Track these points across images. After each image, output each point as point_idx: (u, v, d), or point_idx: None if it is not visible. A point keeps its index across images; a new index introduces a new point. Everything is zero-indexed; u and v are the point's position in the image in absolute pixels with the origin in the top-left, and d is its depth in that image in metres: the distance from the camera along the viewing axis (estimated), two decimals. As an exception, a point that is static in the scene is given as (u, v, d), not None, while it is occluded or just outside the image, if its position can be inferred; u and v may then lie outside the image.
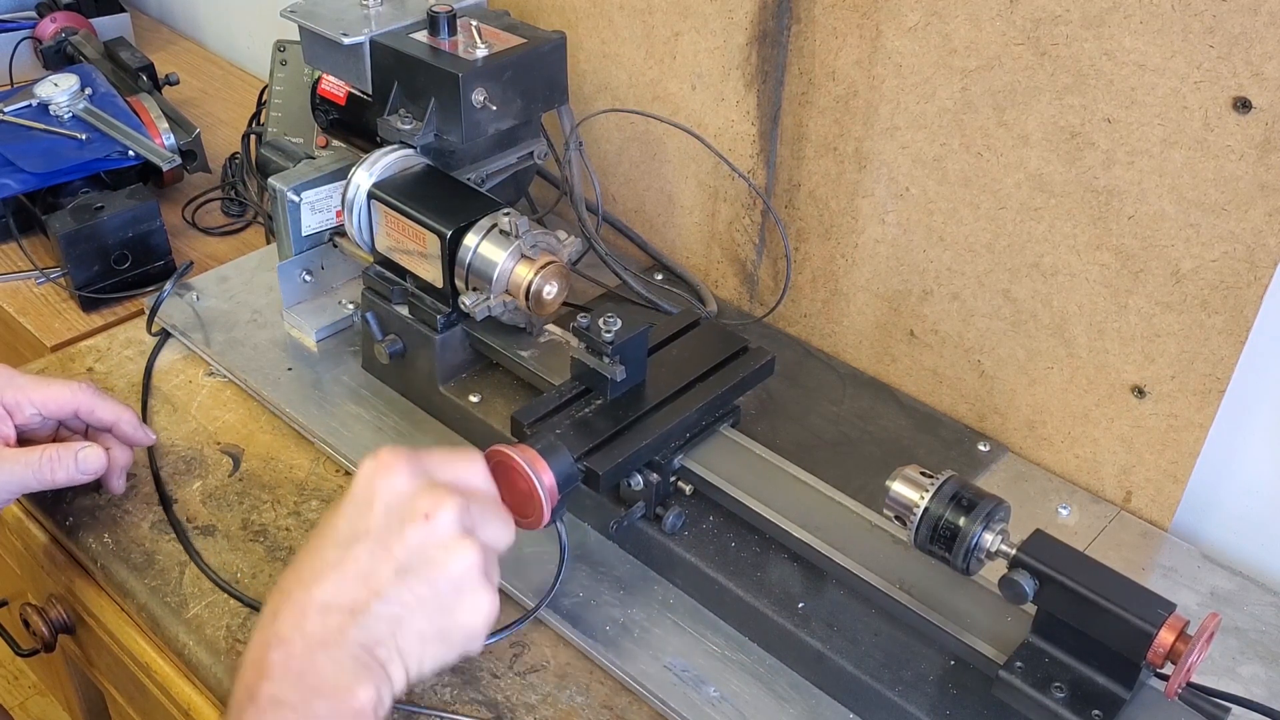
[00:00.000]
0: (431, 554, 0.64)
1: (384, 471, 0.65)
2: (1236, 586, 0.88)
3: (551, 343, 0.94)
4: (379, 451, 0.66)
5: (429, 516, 0.64)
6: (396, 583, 0.63)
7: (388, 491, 0.65)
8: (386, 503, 0.64)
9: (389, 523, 0.64)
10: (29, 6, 1.69)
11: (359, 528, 0.64)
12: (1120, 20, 0.79)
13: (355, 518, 0.65)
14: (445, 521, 0.64)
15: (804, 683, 0.79)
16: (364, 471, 0.66)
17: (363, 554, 0.63)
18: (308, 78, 1.26)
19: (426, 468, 0.67)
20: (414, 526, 0.64)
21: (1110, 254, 0.86)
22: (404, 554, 0.63)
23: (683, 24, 1.06)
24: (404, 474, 0.65)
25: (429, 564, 0.64)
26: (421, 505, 0.64)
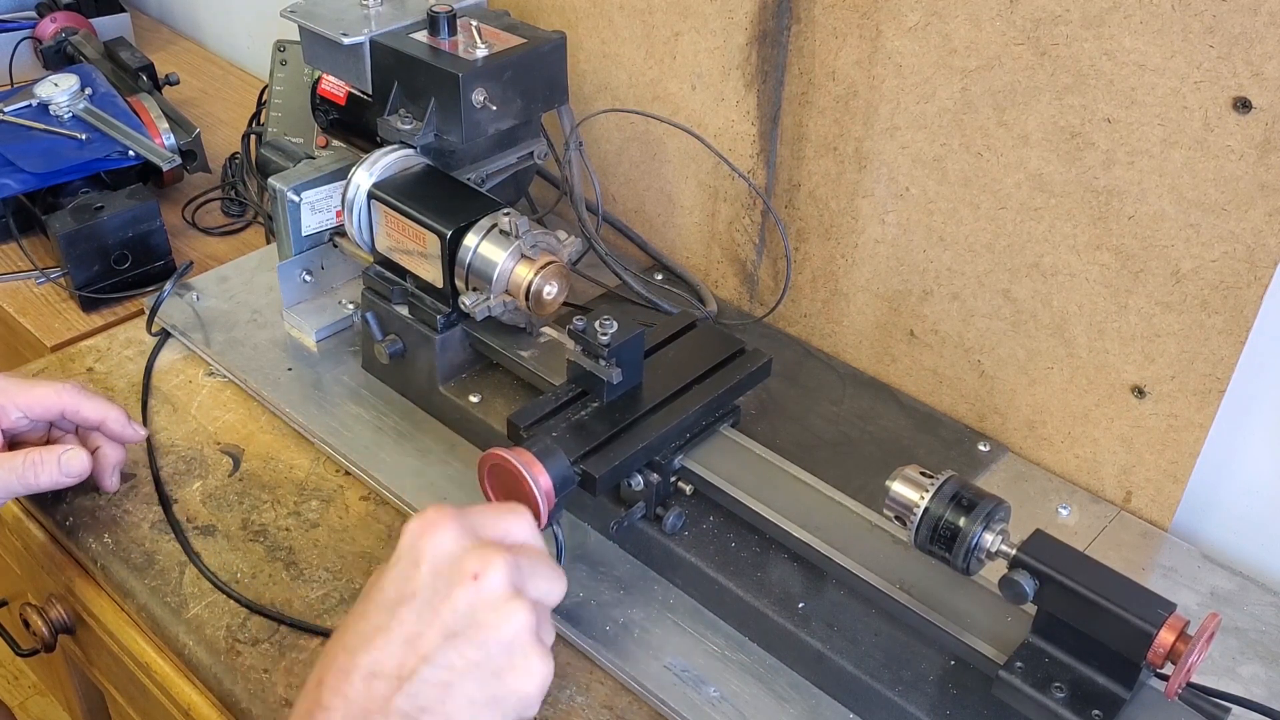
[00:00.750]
0: (481, 616, 0.61)
1: (430, 530, 0.63)
2: (1236, 586, 0.88)
3: (551, 343, 0.94)
4: (424, 510, 0.64)
5: (478, 577, 0.61)
6: (445, 647, 0.60)
7: (434, 552, 0.62)
8: (433, 564, 0.62)
9: (436, 585, 0.61)
10: (29, 6, 1.69)
11: (405, 590, 0.62)
12: (1120, 20, 0.79)
13: (401, 580, 0.62)
14: (495, 582, 0.62)
15: (804, 683, 0.79)
16: (410, 531, 0.63)
17: (409, 617, 0.61)
18: (308, 78, 1.26)
19: (473, 524, 0.64)
20: (462, 588, 0.61)
21: (1110, 254, 0.86)
22: (452, 617, 0.61)
23: (683, 24, 1.06)
24: (451, 533, 0.63)
25: (479, 627, 0.61)
26: (470, 565, 0.62)
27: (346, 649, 0.61)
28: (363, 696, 0.60)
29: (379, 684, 0.60)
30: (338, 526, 0.91)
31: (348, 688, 0.60)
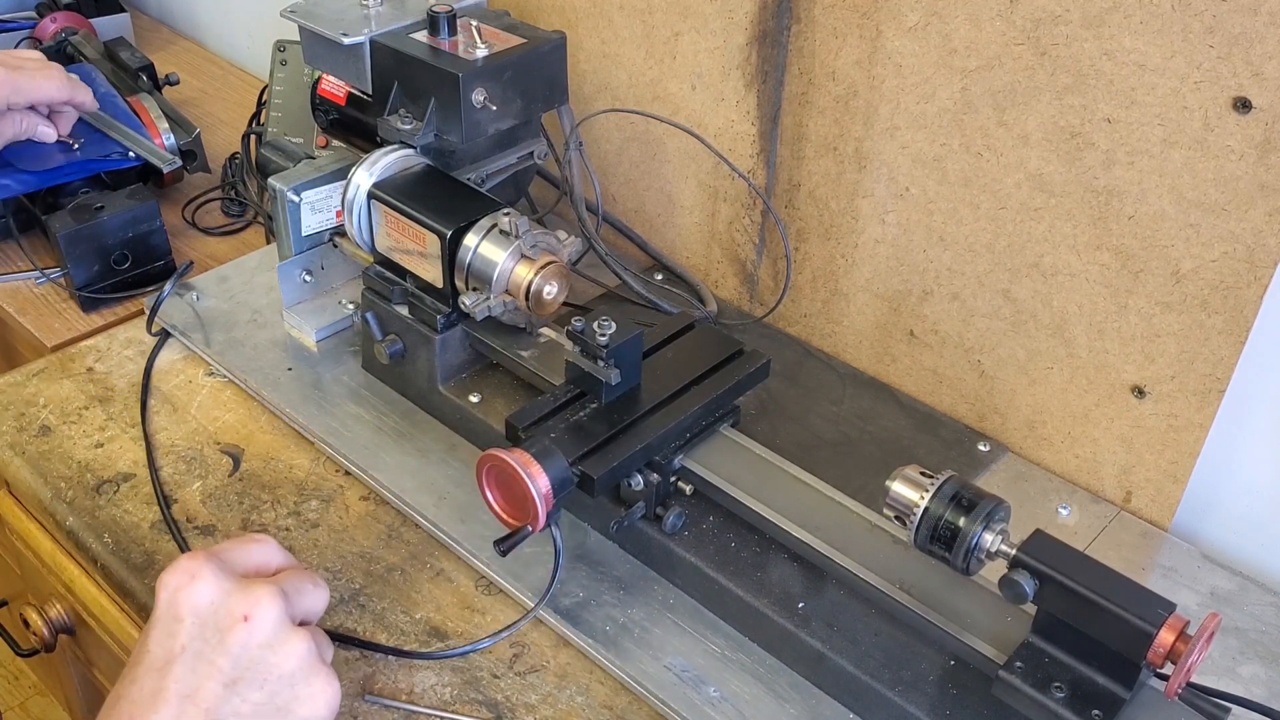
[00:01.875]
0: (259, 655, 0.61)
1: (187, 583, 0.61)
2: (1236, 586, 0.88)
3: (551, 343, 0.94)
4: (175, 562, 0.62)
5: (249, 618, 0.61)
6: (228, 695, 0.60)
7: (195, 603, 0.61)
8: (197, 615, 0.61)
9: (205, 635, 0.60)
10: (29, 6, 1.69)
11: (173, 648, 0.60)
12: (1120, 20, 0.79)
13: (166, 638, 0.61)
14: (268, 618, 0.61)
15: (804, 683, 0.79)
16: (166, 586, 0.62)
17: (183, 674, 0.60)
18: (308, 78, 1.26)
19: (228, 563, 0.63)
20: (235, 633, 0.61)
21: (1110, 254, 0.86)
22: (229, 664, 0.60)
23: (683, 24, 1.06)
24: (208, 579, 0.61)
25: (259, 666, 0.61)
26: (238, 608, 0.61)
27: (130, 711, 0.59)
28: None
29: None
30: (338, 526, 0.91)
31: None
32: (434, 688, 0.79)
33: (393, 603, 0.85)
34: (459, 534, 0.89)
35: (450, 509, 0.91)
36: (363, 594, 0.86)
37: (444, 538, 0.89)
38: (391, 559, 0.89)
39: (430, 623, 0.84)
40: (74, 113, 1.18)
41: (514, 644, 0.83)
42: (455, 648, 0.82)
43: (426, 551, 0.89)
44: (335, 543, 0.90)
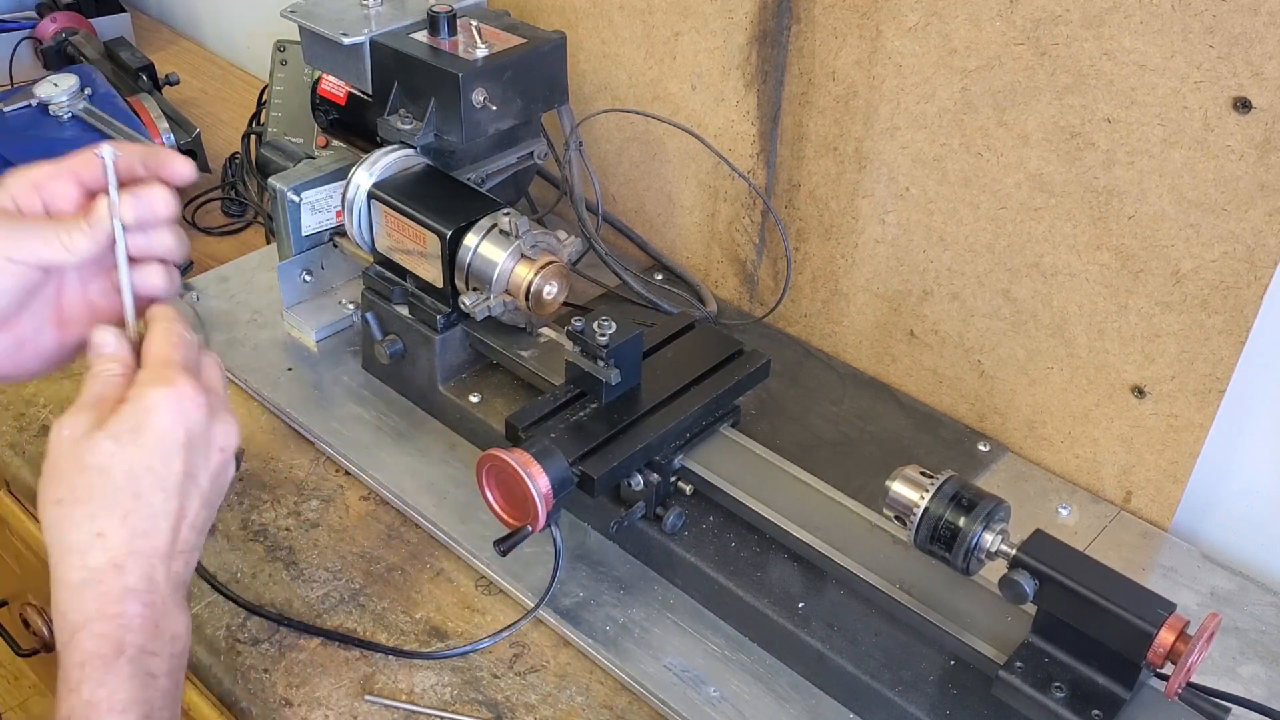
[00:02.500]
0: (223, 478, 0.67)
1: (184, 409, 0.64)
2: (1236, 586, 0.88)
3: (551, 343, 0.94)
4: (173, 382, 0.64)
5: (223, 450, 0.66)
6: (207, 512, 0.66)
7: (188, 432, 0.64)
8: (186, 444, 0.64)
9: (192, 462, 0.64)
10: (29, 6, 1.69)
11: (174, 474, 0.64)
12: (1120, 20, 0.79)
13: (165, 467, 0.64)
14: (230, 446, 0.67)
15: (804, 683, 0.79)
16: (167, 408, 0.64)
17: (183, 501, 0.64)
18: (308, 78, 1.26)
19: (204, 382, 0.66)
20: (213, 463, 0.66)
21: (1110, 254, 0.86)
22: (209, 487, 0.66)
23: (683, 24, 1.06)
24: (199, 410, 0.65)
25: (216, 478, 0.66)
26: (216, 440, 0.66)
27: (142, 534, 0.63)
28: (165, 580, 0.63)
29: (176, 563, 0.64)
30: (338, 526, 0.91)
31: (156, 574, 0.63)
32: (434, 688, 0.79)
33: (393, 603, 0.85)
34: (459, 534, 0.89)
35: (450, 509, 0.91)
36: (363, 594, 0.86)
37: (444, 538, 0.89)
38: (391, 559, 0.89)
39: (430, 623, 0.84)
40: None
41: (514, 644, 0.83)
42: (455, 648, 0.82)
43: (426, 551, 0.89)
44: (335, 543, 0.90)
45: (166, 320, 0.68)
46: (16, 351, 0.71)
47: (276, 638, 0.83)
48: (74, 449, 0.63)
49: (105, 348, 0.67)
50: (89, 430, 0.63)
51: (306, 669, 0.81)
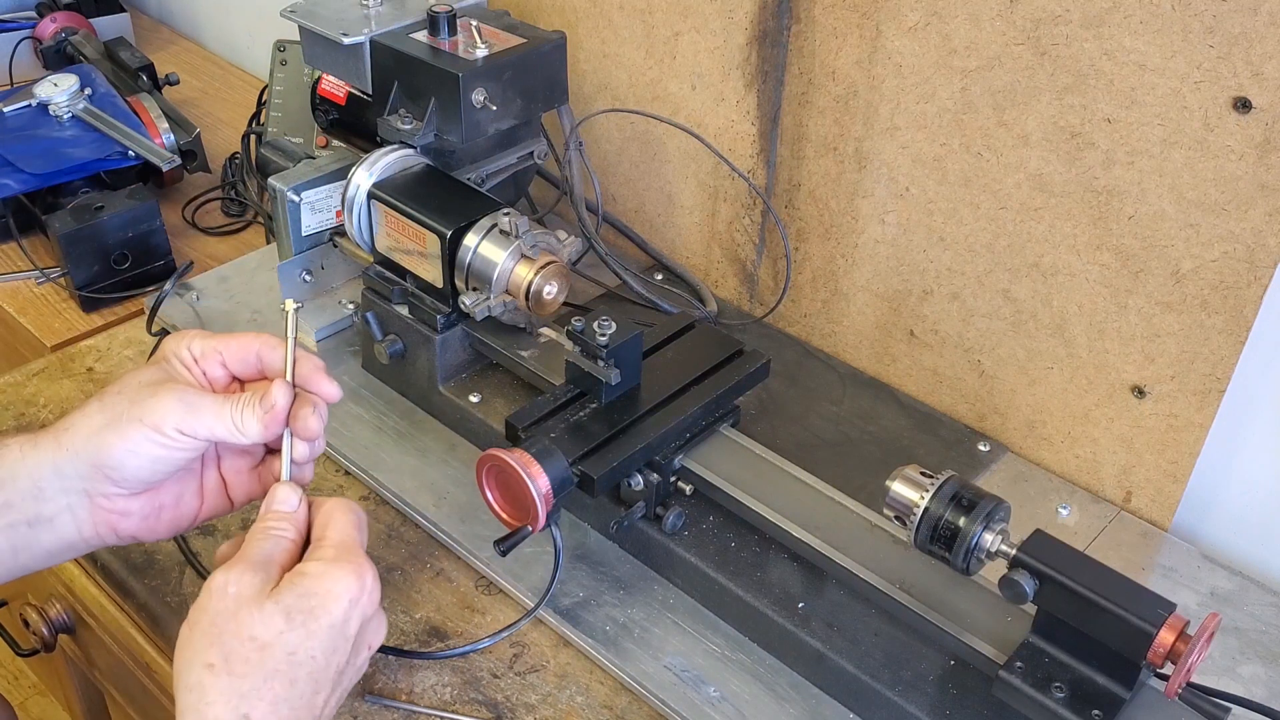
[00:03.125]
0: (362, 668, 0.67)
1: (364, 601, 0.64)
2: (1236, 586, 0.88)
3: (551, 343, 0.94)
4: (362, 573, 0.64)
5: (371, 647, 0.67)
6: (336, 703, 0.65)
7: (362, 622, 0.64)
8: (350, 635, 0.64)
9: (351, 655, 0.64)
10: (29, 6, 1.69)
11: (340, 664, 0.64)
12: (1120, 20, 0.79)
13: (338, 653, 0.63)
14: (377, 644, 0.67)
15: (804, 683, 0.79)
16: (349, 598, 0.63)
17: (336, 693, 0.64)
18: (308, 78, 1.26)
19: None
20: (364, 661, 0.67)
21: (1110, 254, 0.86)
22: (349, 681, 0.66)
23: (683, 24, 1.06)
24: (375, 601, 0.65)
25: (358, 673, 0.67)
26: (368, 636, 0.66)
27: (309, 706, 0.62)
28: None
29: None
30: (338, 526, 0.91)
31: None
32: (434, 688, 0.79)
33: (393, 603, 0.85)
34: (459, 534, 0.89)
35: (450, 509, 0.91)
36: (363, 594, 0.86)
37: (444, 538, 0.89)
38: (391, 559, 0.89)
39: (430, 623, 0.84)
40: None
41: (514, 644, 0.83)
42: (455, 648, 0.82)
43: (426, 551, 0.89)
44: (335, 543, 0.90)
45: (349, 505, 0.68)
46: (154, 517, 0.72)
47: (276, 638, 0.83)
48: (238, 612, 0.61)
49: (286, 505, 0.67)
50: (257, 594, 0.62)
51: (306, 669, 0.80)
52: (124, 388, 0.70)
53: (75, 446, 0.68)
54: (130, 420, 0.67)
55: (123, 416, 0.67)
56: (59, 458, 0.68)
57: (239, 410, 0.69)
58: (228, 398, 0.70)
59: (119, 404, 0.68)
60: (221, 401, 0.69)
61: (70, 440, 0.68)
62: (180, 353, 0.71)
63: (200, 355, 0.72)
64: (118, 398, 0.69)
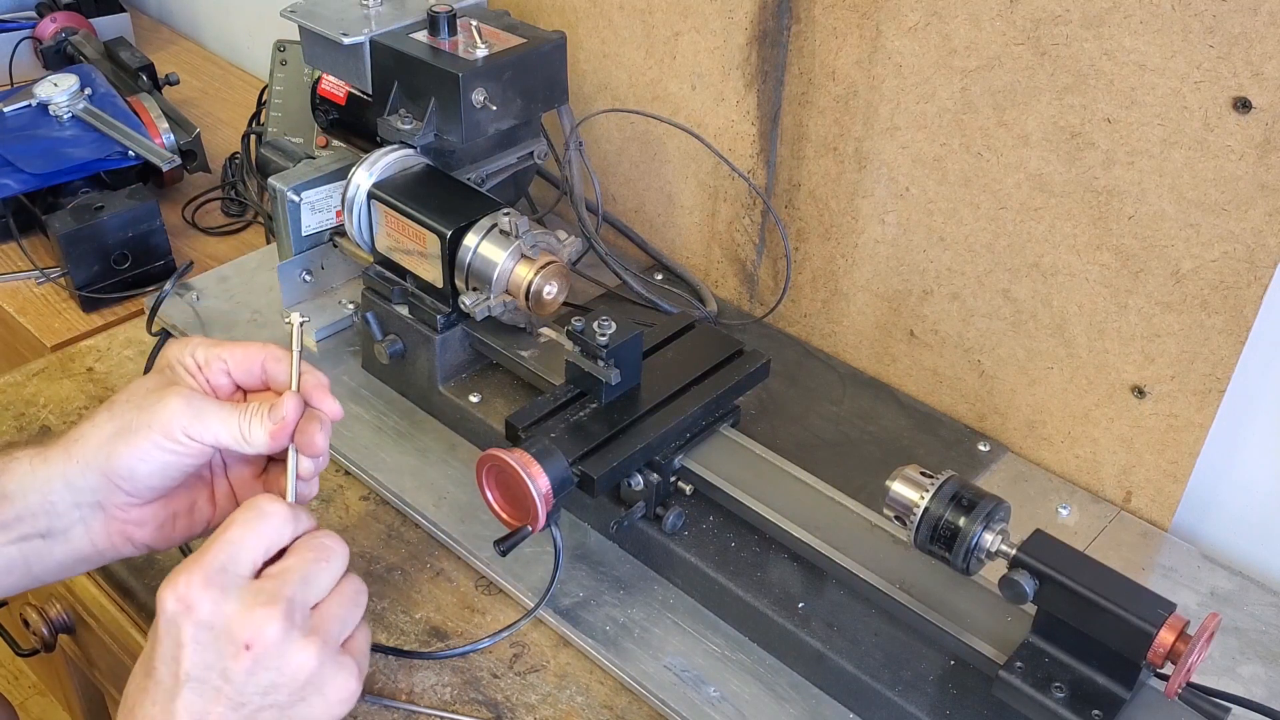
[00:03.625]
0: (265, 679, 0.60)
1: (184, 610, 0.60)
2: (1236, 586, 0.88)
3: (551, 343, 0.94)
4: (172, 581, 0.60)
5: (250, 645, 0.59)
6: (239, 718, 0.60)
7: (195, 631, 0.60)
8: (198, 642, 0.59)
9: (208, 662, 0.59)
10: (29, 6, 1.69)
11: (177, 673, 0.59)
12: (1120, 20, 0.79)
13: (170, 661, 0.60)
14: (269, 641, 0.60)
15: (804, 683, 0.79)
16: (165, 609, 0.60)
17: (192, 700, 0.59)
18: (308, 78, 1.26)
19: (228, 574, 0.61)
20: (238, 662, 0.59)
21: (1110, 254, 0.86)
22: (234, 691, 0.59)
23: (683, 24, 1.06)
24: (206, 606, 0.60)
25: (265, 688, 0.60)
26: (239, 635, 0.59)
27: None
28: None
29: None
30: (338, 526, 0.91)
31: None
32: (434, 688, 0.79)
33: (393, 603, 0.85)
34: (459, 534, 0.89)
35: (450, 509, 0.91)
36: (363, 594, 0.86)
37: (444, 538, 0.89)
38: (391, 559, 0.89)
39: (430, 623, 0.84)
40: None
41: (514, 644, 0.83)
42: (455, 648, 0.82)
43: (426, 551, 0.89)
44: (335, 543, 0.90)
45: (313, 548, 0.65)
46: (169, 525, 0.72)
47: (276, 638, 0.83)
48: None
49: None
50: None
51: (306, 669, 0.81)
52: (131, 395, 0.70)
53: (85, 458, 0.68)
54: (139, 427, 0.67)
55: (131, 424, 0.68)
56: (69, 469, 0.68)
57: (246, 419, 0.69)
58: (235, 406, 0.70)
59: (127, 412, 0.68)
60: (229, 409, 0.69)
61: (80, 451, 0.68)
62: (184, 359, 0.72)
63: (204, 363, 0.72)
64: (125, 406, 0.69)
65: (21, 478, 0.68)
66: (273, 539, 0.64)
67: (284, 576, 0.63)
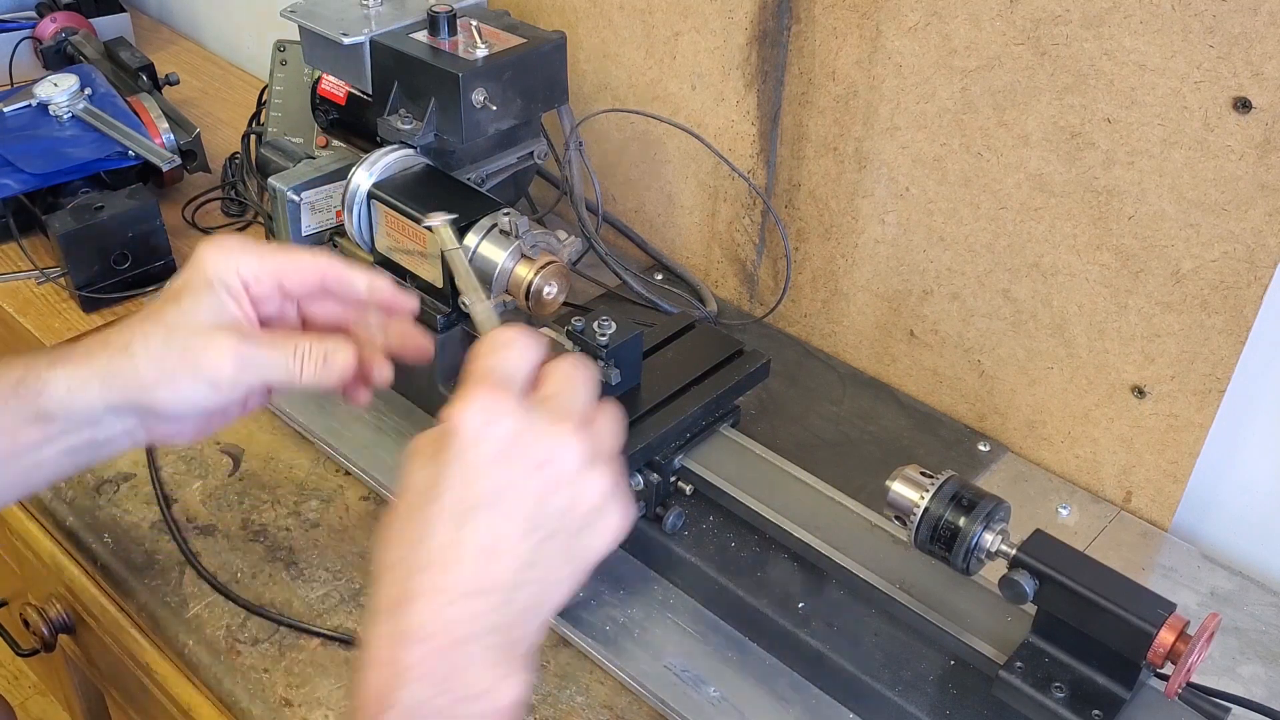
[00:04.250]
0: (562, 500, 0.55)
1: (483, 426, 0.55)
2: (1236, 586, 0.88)
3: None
4: (473, 399, 0.55)
5: (545, 465, 0.55)
6: (531, 546, 0.55)
7: (493, 449, 0.55)
8: (495, 463, 0.55)
9: (502, 482, 0.55)
10: (29, 6, 1.69)
11: (467, 497, 0.54)
12: (1120, 20, 0.79)
13: (455, 491, 0.54)
14: (567, 460, 0.55)
15: (804, 683, 0.79)
16: (464, 428, 0.55)
17: (483, 527, 0.54)
18: (308, 78, 1.26)
19: (514, 394, 0.56)
20: (533, 483, 0.55)
21: (1110, 254, 0.86)
22: (530, 513, 0.55)
23: (683, 24, 1.06)
24: (508, 423, 0.55)
25: (555, 514, 0.55)
26: (535, 454, 0.55)
27: (422, 569, 0.54)
28: (457, 620, 0.53)
29: (472, 603, 0.54)
30: (338, 526, 0.91)
31: (440, 614, 0.53)
32: (434, 688, 0.79)
33: (393, 603, 0.85)
34: (459, 534, 0.89)
35: (450, 509, 0.91)
36: (363, 594, 0.86)
37: (444, 538, 0.89)
38: (391, 559, 0.89)
39: (430, 623, 0.84)
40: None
41: (514, 644, 0.82)
42: (455, 648, 0.81)
43: (426, 551, 0.89)
44: (335, 543, 0.90)
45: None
46: (220, 418, 0.71)
47: (276, 638, 0.83)
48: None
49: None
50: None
51: (306, 669, 0.81)
52: (173, 330, 0.66)
53: (128, 394, 0.66)
54: (184, 374, 0.65)
55: (175, 372, 0.65)
56: (110, 398, 0.66)
57: (298, 361, 0.66)
58: (286, 344, 0.66)
59: (169, 357, 0.65)
60: (280, 350, 0.66)
61: (122, 386, 0.66)
62: (229, 279, 0.66)
63: (252, 280, 0.67)
64: (165, 348, 0.65)
65: (61, 398, 0.66)
66: (533, 359, 0.59)
67: (560, 396, 0.58)
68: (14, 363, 0.67)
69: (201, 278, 0.67)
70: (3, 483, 0.68)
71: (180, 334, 0.66)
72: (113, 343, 0.67)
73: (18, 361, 0.68)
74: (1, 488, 0.68)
